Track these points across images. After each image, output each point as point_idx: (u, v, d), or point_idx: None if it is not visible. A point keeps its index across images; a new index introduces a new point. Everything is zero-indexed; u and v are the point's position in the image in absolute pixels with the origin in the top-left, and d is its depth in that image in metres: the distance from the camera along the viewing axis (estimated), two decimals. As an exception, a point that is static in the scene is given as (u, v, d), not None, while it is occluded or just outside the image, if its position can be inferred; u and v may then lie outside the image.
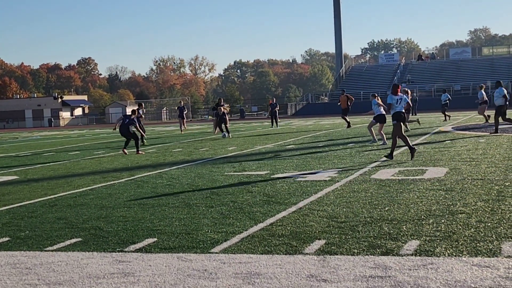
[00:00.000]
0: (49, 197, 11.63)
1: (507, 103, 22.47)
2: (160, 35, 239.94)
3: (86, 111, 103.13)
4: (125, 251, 6.99)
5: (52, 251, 7.19)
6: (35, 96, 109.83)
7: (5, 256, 7.07)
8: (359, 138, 23.73)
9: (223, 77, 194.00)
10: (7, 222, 9.14)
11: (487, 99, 31.37)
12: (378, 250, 6.42)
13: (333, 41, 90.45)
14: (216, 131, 33.05)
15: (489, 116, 31.77)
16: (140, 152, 21.91)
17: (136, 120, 26.56)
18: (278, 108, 41.81)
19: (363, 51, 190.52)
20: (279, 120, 42.31)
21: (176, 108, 37.60)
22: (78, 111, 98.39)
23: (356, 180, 11.77)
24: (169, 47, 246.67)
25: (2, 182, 14.75)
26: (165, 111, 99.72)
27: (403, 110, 15.58)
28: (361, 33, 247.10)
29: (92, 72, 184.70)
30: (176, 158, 18.97)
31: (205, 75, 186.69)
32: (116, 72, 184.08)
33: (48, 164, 19.17)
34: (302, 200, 9.79)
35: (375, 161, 14.95)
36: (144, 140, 26.92)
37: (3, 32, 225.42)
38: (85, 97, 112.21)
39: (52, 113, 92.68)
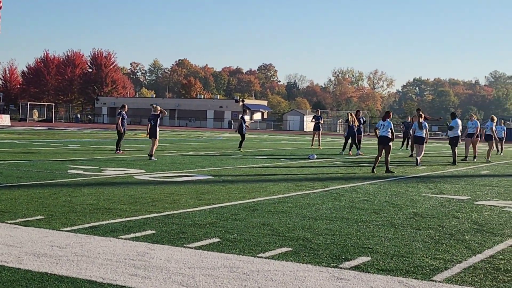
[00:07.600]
0: (247, 200, 11.70)
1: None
2: (340, 47, 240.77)
3: (265, 116, 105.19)
4: (340, 268, 6.75)
5: (265, 258, 7.09)
6: (218, 97, 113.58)
7: (220, 257, 7.05)
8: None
9: (400, 93, 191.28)
10: (213, 222, 9.21)
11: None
12: None
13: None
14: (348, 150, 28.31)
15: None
16: (119, 151, 23.82)
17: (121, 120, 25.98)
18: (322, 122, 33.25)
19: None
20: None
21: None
22: (257, 116, 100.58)
23: None
24: (349, 59, 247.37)
25: (199, 180, 15.09)
26: (340, 123, 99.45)
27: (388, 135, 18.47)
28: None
29: (272, 79, 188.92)
30: (366, 172, 18.58)
31: (383, 90, 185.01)
32: (295, 80, 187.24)
33: (238, 167, 19.47)
34: (518, 233, 9.11)
35: None
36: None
37: (191, 35, 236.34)
38: (265, 103, 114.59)
39: (233, 115, 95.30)
